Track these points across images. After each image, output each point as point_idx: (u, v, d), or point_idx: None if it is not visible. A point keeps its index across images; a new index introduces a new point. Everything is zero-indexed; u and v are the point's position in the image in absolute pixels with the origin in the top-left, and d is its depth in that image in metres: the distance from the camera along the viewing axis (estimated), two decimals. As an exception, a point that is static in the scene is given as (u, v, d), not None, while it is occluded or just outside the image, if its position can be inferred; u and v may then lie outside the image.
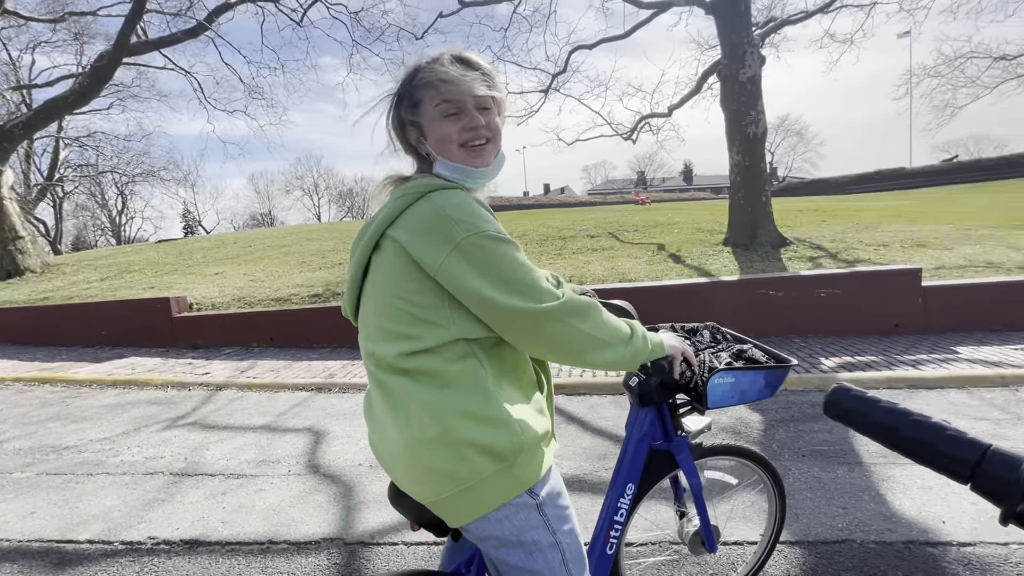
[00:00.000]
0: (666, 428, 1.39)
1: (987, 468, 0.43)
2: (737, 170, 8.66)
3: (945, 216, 11.54)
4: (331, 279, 8.81)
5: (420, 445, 0.89)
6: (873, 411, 0.51)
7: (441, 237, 0.85)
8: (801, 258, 7.67)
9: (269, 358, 5.99)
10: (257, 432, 3.80)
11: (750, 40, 8.46)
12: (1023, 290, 5.07)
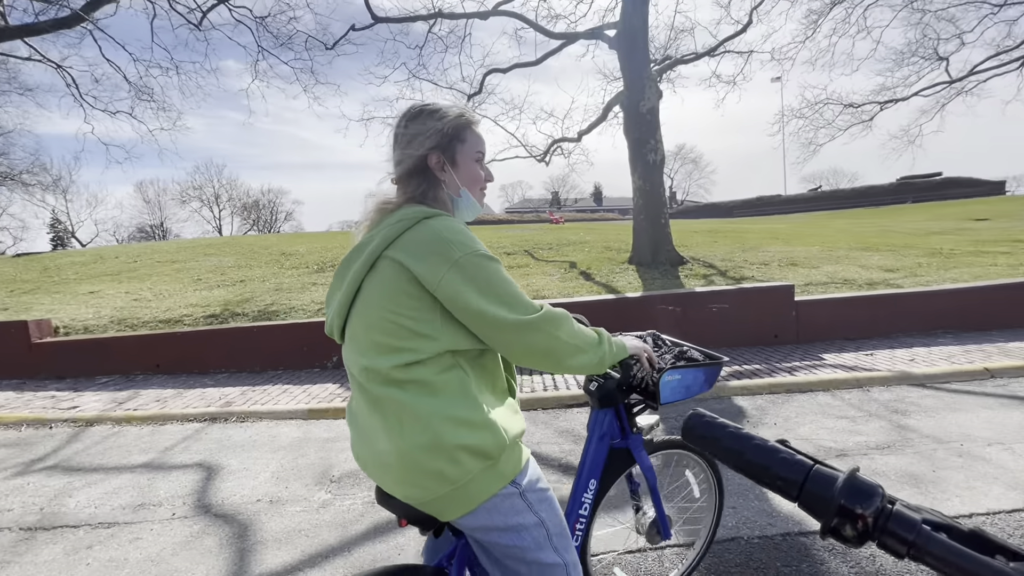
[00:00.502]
0: (623, 426, 1.54)
1: (809, 487, 0.47)
2: (639, 194, 9.30)
3: (812, 238, 13.20)
4: (231, 298, 8.14)
5: (414, 451, 0.97)
6: (722, 436, 0.55)
7: (441, 256, 0.96)
8: (696, 275, 8.37)
9: (155, 387, 5.38)
10: (136, 472, 3.38)
11: (649, 75, 9.20)
12: (871, 303, 5.92)
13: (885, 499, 0.44)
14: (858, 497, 0.43)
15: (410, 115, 1.10)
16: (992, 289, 6.03)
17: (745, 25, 11.84)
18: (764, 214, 36.58)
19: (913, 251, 10.20)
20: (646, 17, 9.30)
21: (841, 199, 40.54)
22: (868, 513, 0.43)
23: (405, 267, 0.97)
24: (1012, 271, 7.52)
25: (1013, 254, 9.46)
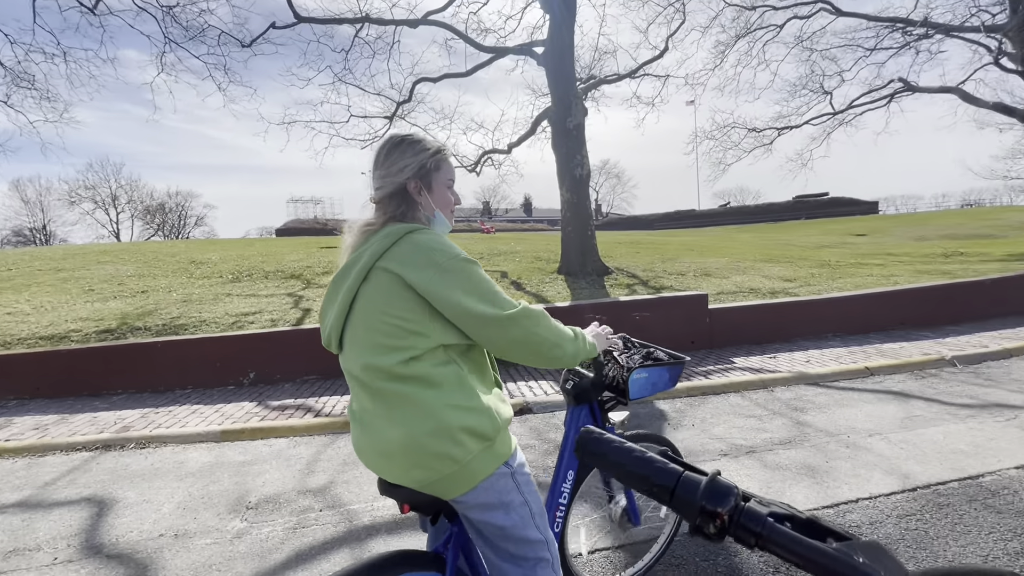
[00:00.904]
0: (597, 422, 1.70)
1: (679, 492, 0.51)
2: (567, 206, 9.60)
3: (723, 251, 14.30)
4: (130, 311, 7.38)
5: (420, 437, 1.08)
6: (608, 451, 0.58)
7: (427, 262, 1.09)
8: (620, 285, 8.75)
9: (33, 413, 4.74)
10: (6, 513, 2.95)
11: (575, 93, 9.57)
12: (773, 310, 6.50)
13: (739, 498, 0.49)
14: (717, 498, 0.49)
15: (392, 143, 1.24)
16: (870, 297, 6.84)
17: (662, 51, 12.67)
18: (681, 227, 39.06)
19: (807, 263, 11.34)
20: (572, 37, 9.69)
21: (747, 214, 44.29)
22: (725, 512, 0.48)
23: (397, 275, 1.09)
24: (885, 280, 8.58)
25: (885, 266, 10.79)
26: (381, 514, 2.74)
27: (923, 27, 14.18)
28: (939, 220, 27.25)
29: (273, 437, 4.01)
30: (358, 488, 3.06)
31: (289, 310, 7.39)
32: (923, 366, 5.11)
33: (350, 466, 3.39)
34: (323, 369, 5.53)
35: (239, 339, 5.55)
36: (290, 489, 3.11)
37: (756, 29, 15.97)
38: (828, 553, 0.42)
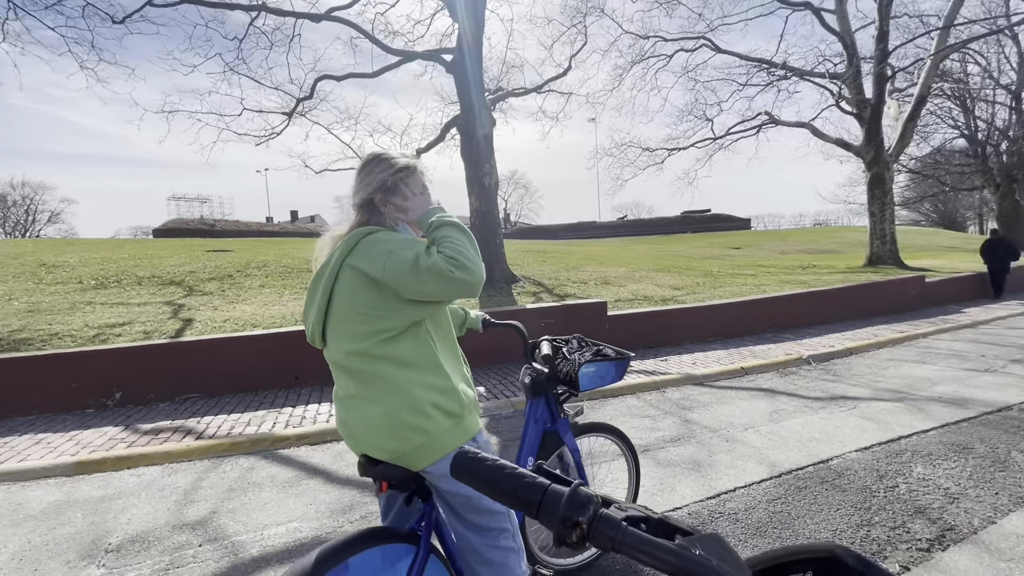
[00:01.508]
0: (552, 413, 1.85)
1: (544, 505, 0.53)
2: (476, 214, 9.67)
3: (621, 261, 15.24)
4: (-51, 324, 6.13)
5: (397, 410, 1.22)
6: (481, 469, 0.59)
7: (379, 251, 1.22)
8: (527, 293, 8.97)
9: None
10: None
11: (484, 103, 9.70)
12: (665, 316, 7.05)
13: (598, 505, 0.52)
14: (577, 507, 0.51)
15: (367, 159, 1.39)
16: (745, 304, 7.67)
17: (565, 69, 13.28)
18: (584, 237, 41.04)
19: (693, 273, 12.45)
20: (480, 48, 9.82)
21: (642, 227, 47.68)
22: (584, 520, 0.50)
23: (360, 270, 1.23)
24: (756, 289, 9.68)
25: (756, 276, 12.18)
26: (272, 543, 2.53)
27: (783, 69, 16.34)
28: (797, 236, 31.40)
29: (144, 465, 3.54)
30: (246, 516, 2.80)
31: (167, 320, 6.61)
32: (786, 365, 5.83)
33: (238, 492, 3.09)
34: (209, 386, 5.00)
35: (101, 354, 4.84)
36: (163, 524, 2.76)
37: (649, 57, 17.34)
38: (671, 550, 0.46)
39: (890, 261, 14.46)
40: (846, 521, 2.55)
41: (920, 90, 14.63)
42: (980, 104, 26.38)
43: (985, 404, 4.26)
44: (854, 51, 15.01)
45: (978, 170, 27.52)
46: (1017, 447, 3.37)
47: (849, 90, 15.21)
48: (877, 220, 14.95)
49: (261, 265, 10.91)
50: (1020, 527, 2.44)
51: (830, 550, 0.57)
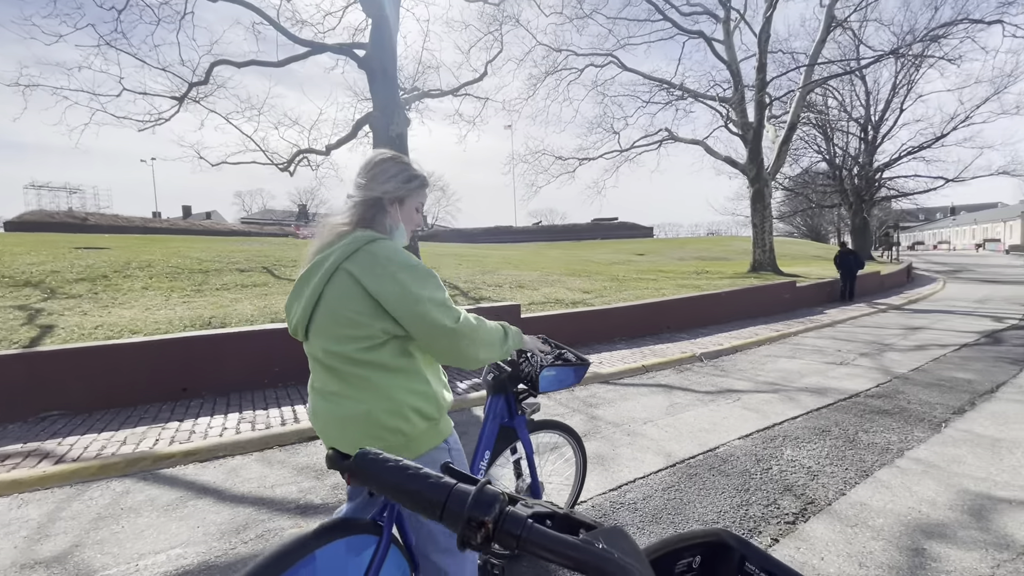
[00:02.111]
0: (511, 410, 1.95)
1: (449, 506, 0.53)
2: (390, 215, 9.43)
3: (535, 265, 15.64)
4: None
5: (377, 412, 1.27)
6: (383, 471, 0.58)
7: (383, 272, 1.24)
8: (443, 296, 8.91)
9: None
10: None
11: (398, 102, 9.49)
12: (575, 318, 7.34)
13: (504, 504, 0.51)
14: (482, 507, 0.51)
15: (383, 157, 1.41)
16: (646, 306, 8.22)
17: (481, 75, 13.40)
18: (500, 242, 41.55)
19: (601, 277, 13.09)
20: (395, 46, 9.61)
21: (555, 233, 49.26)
22: (489, 519, 0.50)
23: (356, 278, 1.25)
24: (656, 292, 10.40)
25: (657, 280, 13.09)
26: (150, 573, 2.28)
27: (680, 90, 17.77)
28: (694, 244, 34.21)
29: (-17, 498, 3.02)
30: (117, 547, 2.49)
31: (19, 328, 5.70)
32: (682, 362, 6.32)
33: (108, 520, 2.74)
34: (74, 402, 4.38)
35: (-73, 370, 4.05)
36: (8, 565, 2.37)
37: (562, 69, 18.02)
38: (576, 545, 0.47)
39: (769, 268, 16.23)
40: (729, 502, 2.82)
41: (791, 118, 16.63)
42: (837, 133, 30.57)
43: (840, 392, 4.93)
44: (739, 79, 16.72)
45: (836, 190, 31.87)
46: (863, 428, 3.93)
47: (736, 113, 16.90)
48: (759, 231, 16.73)
49: (144, 265, 9.77)
50: (863, 496, 2.86)
51: (717, 534, 0.64)
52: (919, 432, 3.83)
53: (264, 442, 3.79)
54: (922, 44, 16.76)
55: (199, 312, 6.66)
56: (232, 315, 6.56)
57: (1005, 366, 5.94)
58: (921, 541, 2.41)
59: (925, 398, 4.69)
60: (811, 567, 2.23)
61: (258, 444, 3.77)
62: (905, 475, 3.11)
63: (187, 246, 13.93)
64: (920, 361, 6.24)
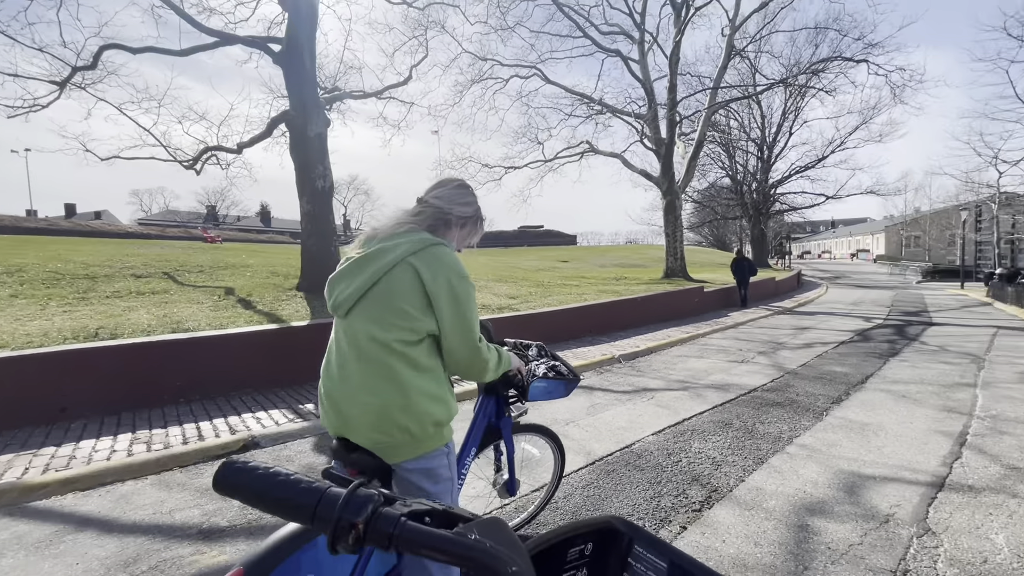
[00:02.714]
0: (499, 410, 2.07)
1: (320, 511, 0.51)
2: (308, 218, 9.00)
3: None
4: None
5: (391, 408, 1.32)
6: (250, 480, 0.54)
7: (441, 271, 1.35)
8: (366, 303, 8.63)
9: None
10: None
11: (316, 101, 9.12)
12: (500, 324, 7.42)
13: (378, 504, 0.51)
14: (355, 509, 0.50)
15: (465, 184, 1.59)
16: (570, 311, 8.49)
17: (406, 78, 13.22)
18: (427, 247, 41.00)
19: (527, 283, 13.33)
20: (313, 43, 9.24)
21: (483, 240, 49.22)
22: (361, 520, 0.50)
23: (418, 272, 1.34)
24: (579, 298, 10.77)
25: (580, 286, 13.56)
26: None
27: (599, 105, 18.63)
28: (614, 252, 35.84)
29: None
30: (-24, 593, 2.16)
31: None
32: (602, 364, 6.60)
33: (-39, 565, 2.36)
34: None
35: None
36: None
37: (487, 78, 18.23)
38: (447, 538, 0.47)
39: (680, 274, 17.39)
40: (643, 495, 2.99)
41: (699, 136, 18.01)
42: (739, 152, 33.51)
43: (740, 388, 5.39)
44: (653, 97, 17.85)
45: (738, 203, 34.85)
46: (759, 420, 4.33)
47: (650, 129, 18.01)
48: (671, 240, 17.88)
49: (14, 269, 8.56)
50: (759, 481, 3.15)
51: (607, 521, 0.68)
52: (805, 421, 4.29)
53: (162, 464, 3.46)
54: (806, 76, 18.88)
55: (83, 322, 5.94)
56: (125, 325, 5.92)
57: (873, 360, 6.81)
58: (805, 518, 2.70)
59: (810, 390, 5.26)
60: (714, 550, 2.41)
61: (155, 467, 3.43)
62: (793, 460, 3.47)
63: (71, 249, 12.40)
64: (807, 357, 6.98)
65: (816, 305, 14.98)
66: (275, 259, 14.03)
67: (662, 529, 2.62)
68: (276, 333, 5.48)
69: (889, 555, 2.35)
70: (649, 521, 2.70)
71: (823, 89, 18.97)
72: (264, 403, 4.77)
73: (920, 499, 2.89)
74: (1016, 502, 2.83)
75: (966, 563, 2.28)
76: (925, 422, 4.23)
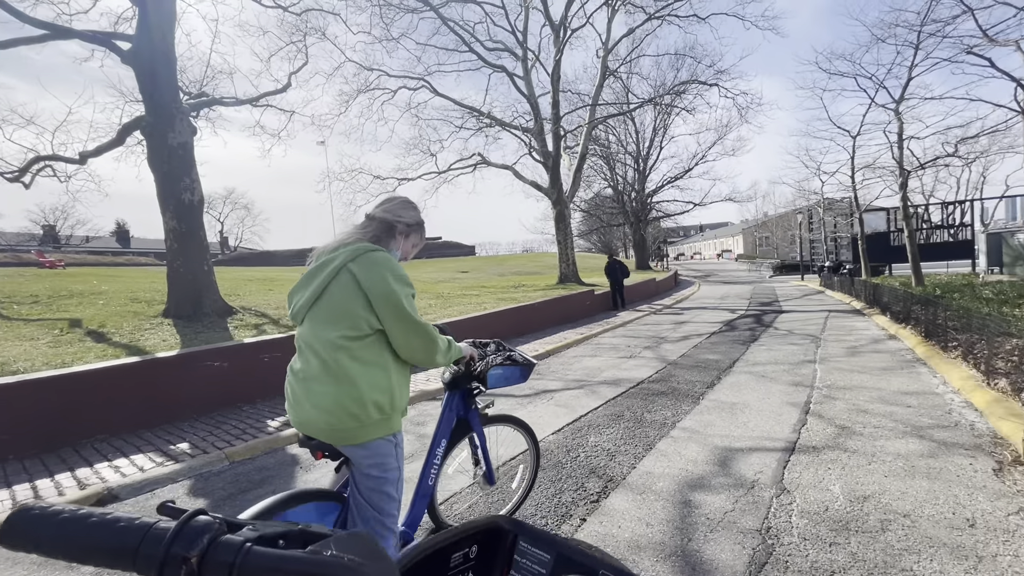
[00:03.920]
0: (464, 404, 2.25)
1: (143, 549, 0.45)
2: (174, 236, 8.07)
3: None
4: None
5: (342, 396, 1.54)
6: (50, 526, 0.46)
7: (375, 271, 1.59)
8: (247, 326, 7.91)
9: None
10: None
11: (179, 107, 8.24)
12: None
13: (218, 532, 0.46)
14: (187, 541, 0.45)
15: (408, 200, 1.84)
16: (470, 320, 8.52)
17: (285, 86, 12.46)
18: (317, 264, 38.65)
19: (427, 295, 13.15)
20: (171, 42, 8.36)
21: (379, 253, 47.87)
22: (195, 553, 0.44)
23: (355, 275, 1.56)
24: (479, 307, 10.87)
25: (480, 295, 13.69)
26: None
27: (488, 118, 19.09)
28: (512, 261, 36.71)
29: None
30: None
31: None
32: (504, 371, 6.70)
33: None
34: None
35: None
36: None
37: (374, 89, 17.81)
38: (299, 558, 0.44)
39: (573, 280, 18.31)
40: (545, 493, 3.08)
41: (582, 149, 19.19)
42: (618, 164, 36.23)
43: (630, 381, 5.81)
44: (538, 112, 18.69)
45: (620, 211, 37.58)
46: (647, 409, 4.69)
47: (537, 143, 18.81)
48: (563, 248, 18.78)
49: None
50: (649, 466, 3.41)
51: (492, 521, 0.68)
52: (685, 406, 4.73)
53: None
54: (670, 96, 21.03)
55: None
56: (-76, 374, 4.82)
57: (738, 346, 7.72)
58: (688, 494, 2.98)
59: (689, 378, 5.82)
60: (612, 536, 2.57)
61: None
62: (677, 443, 3.81)
63: None
64: (685, 348, 7.72)
65: (691, 301, 16.63)
66: (136, 284, 12.36)
67: (564, 523, 2.73)
68: (137, 367, 4.81)
69: (755, 516, 2.67)
70: (551, 517, 2.79)
71: (685, 108, 21.28)
72: (125, 448, 4.16)
73: (777, 463, 3.33)
74: (847, 455, 3.39)
75: (813, 513, 2.67)
76: (779, 396, 4.89)
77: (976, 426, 3.82)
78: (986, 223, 21.76)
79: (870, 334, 8.27)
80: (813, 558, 2.28)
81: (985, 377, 4.76)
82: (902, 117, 13.66)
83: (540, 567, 0.64)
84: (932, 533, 2.42)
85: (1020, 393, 4.07)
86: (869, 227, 22.44)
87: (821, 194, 21.96)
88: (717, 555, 2.34)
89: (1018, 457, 3.20)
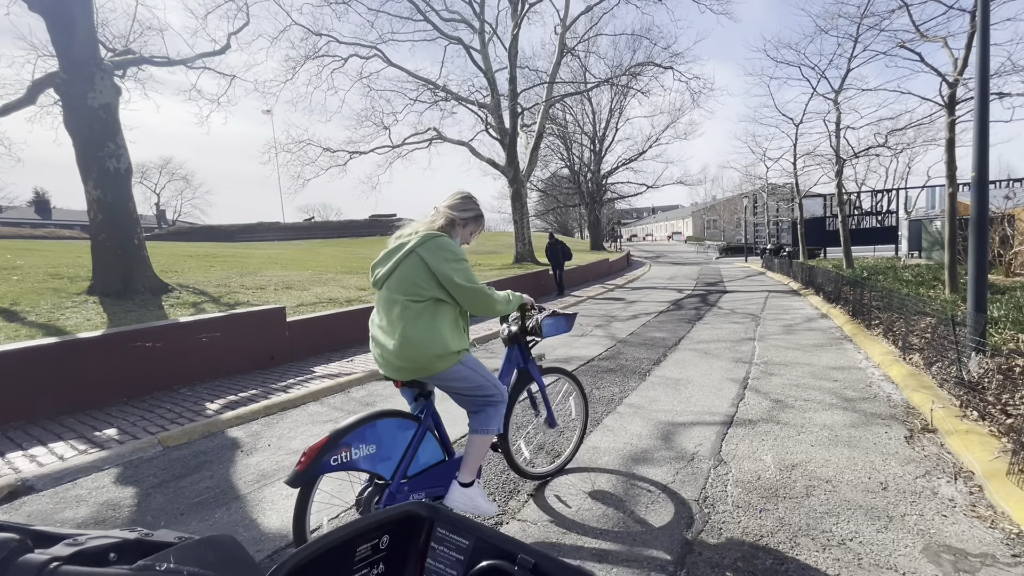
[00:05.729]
0: (524, 356, 2.68)
1: None
2: (98, 207, 7.43)
3: (307, 264, 14.41)
4: None
5: (418, 340, 2.07)
6: None
7: (441, 256, 2.11)
8: (184, 304, 7.47)
9: None
10: None
11: (99, 63, 7.51)
12: (350, 317, 7.04)
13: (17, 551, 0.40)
14: None
15: (468, 195, 2.34)
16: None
17: (224, 47, 11.59)
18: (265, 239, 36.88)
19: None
20: (90, -8, 7.55)
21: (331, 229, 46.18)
22: None
23: (422, 258, 2.11)
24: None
25: (435, 275, 13.49)
26: None
27: (444, 92, 18.56)
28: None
29: None
30: None
31: None
32: (457, 350, 6.67)
33: None
34: None
35: None
36: None
37: (323, 55, 16.89)
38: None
39: (529, 259, 18.37)
40: (493, 471, 3.10)
41: (539, 127, 19.06)
42: (575, 145, 36.30)
43: (581, 359, 5.92)
44: (495, 87, 18.33)
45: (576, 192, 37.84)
46: (596, 386, 4.80)
47: (494, 119, 18.50)
48: (519, 227, 18.75)
49: None
50: (596, 442, 3.50)
51: (408, 509, 0.64)
52: (632, 383, 4.87)
53: None
54: (627, 77, 21.12)
55: None
56: None
57: (684, 325, 8.01)
58: (632, 467, 3.08)
59: (637, 355, 5.99)
60: (558, 513, 2.62)
61: None
62: (623, 418, 3.93)
63: None
64: (634, 327, 7.93)
65: (642, 281, 17.09)
66: (59, 258, 11.37)
67: (511, 499, 2.76)
68: (54, 349, 4.43)
69: (694, 487, 2.80)
70: (499, 494, 2.82)
71: (640, 90, 21.45)
72: (43, 436, 3.86)
73: (716, 436, 3.49)
74: (779, 428, 3.60)
75: (746, 482, 2.83)
76: (721, 372, 5.12)
77: (892, 397, 4.14)
78: (909, 211, 23.48)
79: (804, 313, 8.79)
80: (745, 524, 2.41)
81: (902, 352, 5.16)
82: (840, 107, 14.36)
83: (458, 553, 0.62)
84: (850, 496, 2.62)
85: (931, 367, 4.45)
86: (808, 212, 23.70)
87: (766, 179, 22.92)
88: (657, 525, 2.43)
89: (927, 425, 3.50)
